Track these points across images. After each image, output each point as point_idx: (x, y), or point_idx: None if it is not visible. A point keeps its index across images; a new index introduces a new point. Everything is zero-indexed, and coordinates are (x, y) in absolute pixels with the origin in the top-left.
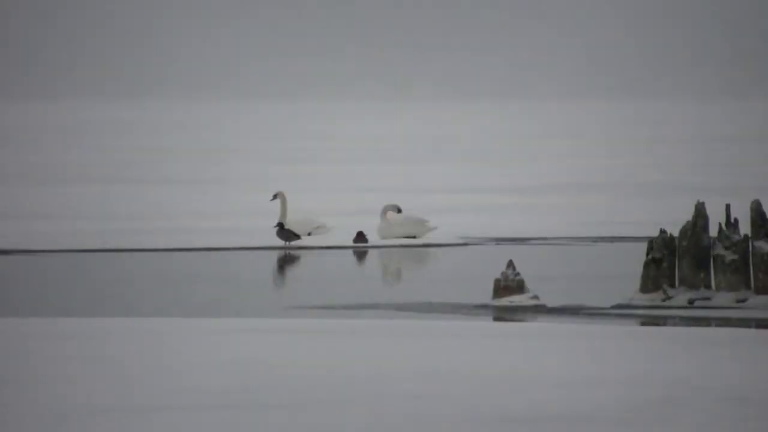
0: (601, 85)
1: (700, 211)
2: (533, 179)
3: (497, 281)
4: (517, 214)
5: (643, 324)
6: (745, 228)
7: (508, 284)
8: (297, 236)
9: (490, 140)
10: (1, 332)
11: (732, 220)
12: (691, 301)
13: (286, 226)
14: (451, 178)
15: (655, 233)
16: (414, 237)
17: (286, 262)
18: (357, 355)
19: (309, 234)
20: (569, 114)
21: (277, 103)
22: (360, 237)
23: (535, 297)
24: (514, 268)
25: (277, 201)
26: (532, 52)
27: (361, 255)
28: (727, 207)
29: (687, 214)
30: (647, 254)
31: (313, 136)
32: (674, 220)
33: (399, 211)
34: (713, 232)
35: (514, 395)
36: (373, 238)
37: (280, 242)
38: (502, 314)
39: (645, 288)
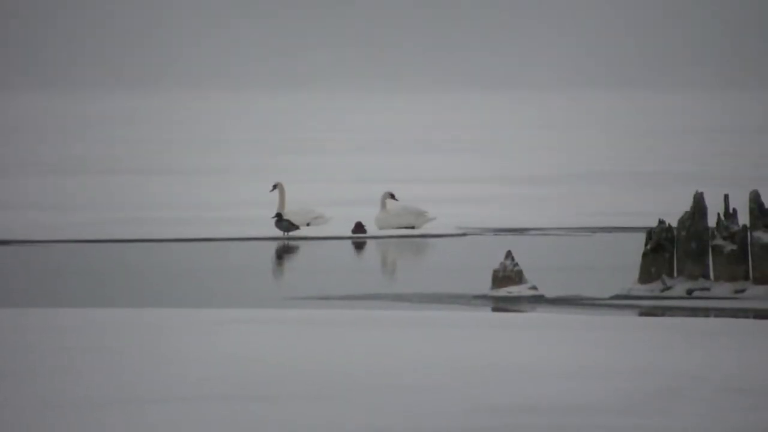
0: (600, 76)
1: (699, 202)
2: (532, 170)
3: (496, 272)
4: (515, 204)
5: (642, 314)
6: (743, 218)
7: (507, 275)
8: (295, 226)
9: (489, 131)
10: (0, 323)
11: (730, 211)
12: (689, 292)
13: (285, 217)
14: (450, 168)
15: (654, 223)
16: (412, 227)
17: (284, 252)
18: (355, 345)
19: (308, 224)
20: (568, 105)
21: (276, 94)
22: (358, 227)
23: (534, 287)
24: (512, 259)
25: (276, 191)
26: (532, 43)
27: (359, 245)
28: (726, 197)
29: (686, 205)
30: (646, 245)
31: (311, 128)
32: (673, 210)
33: (393, 197)
34: (712, 222)
35: (512, 386)
36: (371, 228)
37: (279, 233)
38: (501, 305)
39: (644, 278)
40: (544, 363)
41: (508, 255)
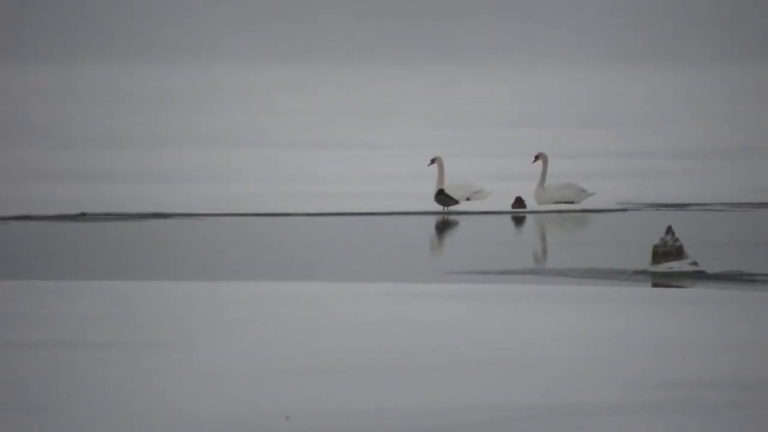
0: (761, 46)
1: None
2: (693, 144)
3: (656, 247)
4: (676, 179)
5: None
6: None
7: (667, 250)
8: (455, 201)
9: (648, 104)
10: (160, 295)
11: None
12: None
13: (446, 191)
14: (609, 142)
15: None
16: (572, 203)
17: (444, 227)
18: (514, 320)
19: (467, 199)
20: (729, 78)
21: (429, 66)
22: (518, 202)
23: (695, 263)
24: (673, 234)
25: (435, 166)
26: (692, 15)
27: (519, 220)
28: None
29: None
30: None
31: (466, 101)
32: None
33: (537, 158)
34: None
35: (671, 361)
36: (531, 203)
37: (439, 207)
38: (661, 280)
39: None
40: (705, 338)
41: (669, 230)
